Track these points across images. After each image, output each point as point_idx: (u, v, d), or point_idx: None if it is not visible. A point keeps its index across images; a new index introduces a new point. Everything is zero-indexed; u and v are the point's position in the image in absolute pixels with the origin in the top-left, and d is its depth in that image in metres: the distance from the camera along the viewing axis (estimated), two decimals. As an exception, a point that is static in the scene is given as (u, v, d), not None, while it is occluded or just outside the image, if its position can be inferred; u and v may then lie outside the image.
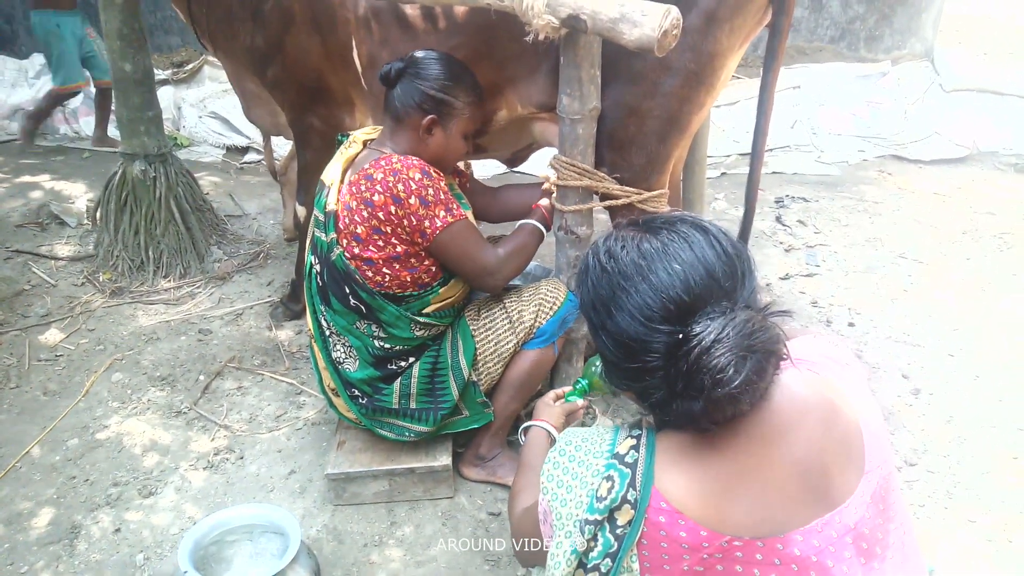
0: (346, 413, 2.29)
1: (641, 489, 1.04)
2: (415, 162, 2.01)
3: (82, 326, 3.23)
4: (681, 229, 1.07)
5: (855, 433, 1.07)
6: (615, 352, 1.07)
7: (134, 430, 2.63)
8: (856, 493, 1.04)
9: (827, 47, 6.61)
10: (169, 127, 5.34)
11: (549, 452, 1.18)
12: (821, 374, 1.12)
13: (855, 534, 1.03)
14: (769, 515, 1.02)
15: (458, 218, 2.04)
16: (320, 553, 2.13)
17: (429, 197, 1.99)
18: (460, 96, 2.08)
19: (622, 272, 1.05)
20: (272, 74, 2.80)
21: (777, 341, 1.01)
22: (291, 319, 3.24)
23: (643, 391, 1.07)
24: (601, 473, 1.08)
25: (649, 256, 1.04)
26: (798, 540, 1.01)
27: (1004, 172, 5.01)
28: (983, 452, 2.52)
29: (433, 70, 2.06)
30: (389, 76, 2.09)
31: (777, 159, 5.21)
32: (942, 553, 2.14)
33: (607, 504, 1.05)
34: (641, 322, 1.02)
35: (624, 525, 1.04)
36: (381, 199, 1.97)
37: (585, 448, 1.13)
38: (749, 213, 2.49)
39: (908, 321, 3.27)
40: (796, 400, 1.06)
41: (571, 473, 1.12)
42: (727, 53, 2.14)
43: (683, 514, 1.03)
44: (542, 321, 2.19)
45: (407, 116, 2.07)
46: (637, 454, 1.08)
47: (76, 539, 2.21)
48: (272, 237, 4.03)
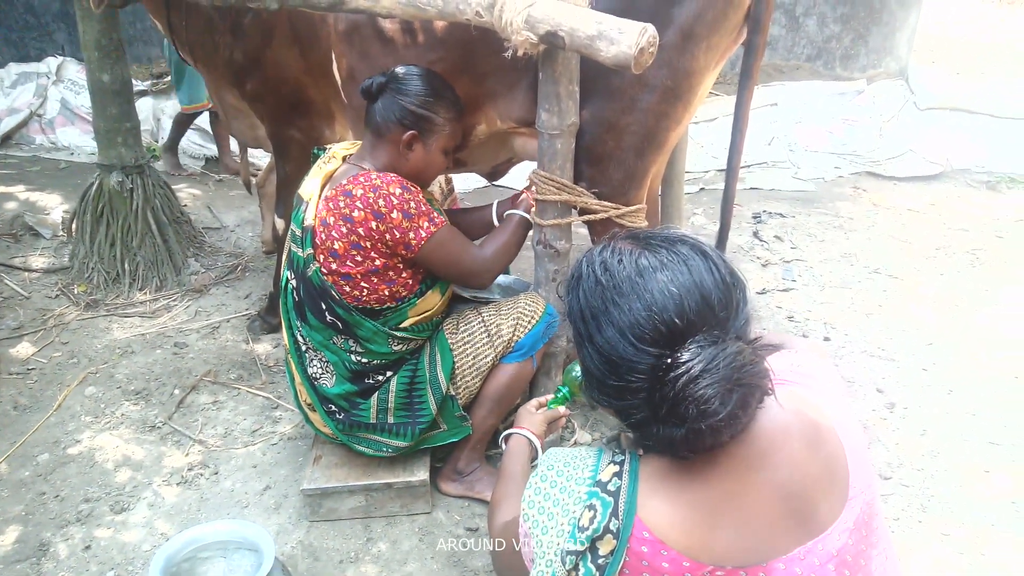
0: (322, 428, 2.27)
1: (623, 518, 1.02)
2: (394, 178, 2.02)
3: (55, 339, 3.18)
4: (681, 251, 1.04)
5: (839, 457, 1.05)
6: (599, 367, 1.04)
7: (107, 445, 2.59)
8: (840, 519, 1.03)
9: (804, 65, 6.71)
10: (147, 138, 5.30)
11: (531, 477, 1.15)
12: (806, 395, 1.11)
13: (838, 561, 1.02)
14: (752, 544, 1.01)
15: (440, 226, 2.05)
16: (295, 570, 2.10)
17: (411, 210, 2.00)
18: (441, 112, 2.09)
19: (616, 287, 1.02)
20: (252, 87, 2.80)
21: (764, 376, 0.99)
22: (268, 332, 3.22)
23: (623, 410, 1.04)
24: (583, 501, 1.05)
25: (646, 274, 1.01)
26: (780, 568, 1.00)
27: (976, 189, 5.10)
28: (957, 466, 2.54)
29: (414, 86, 2.07)
30: (371, 90, 2.09)
31: (755, 175, 5.27)
32: (916, 566, 2.15)
33: (589, 534, 1.03)
34: (630, 341, 0.99)
35: (606, 555, 1.02)
36: (361, 215, 1.97)
37: (567, 474, 1.10)
38: (724, 228, 2.51)
39: (883, 336, 3.31)
40: (778, 423, 1.04)
41: (553, 500, 1.09)
42: (704, 70, 2.17)
43: (665, 544, 1.01)
44: (520, 335, 2.19)
45: (388, 131, 2.08)
46: (620, 481, 1.05)
47: (44, 557, 2.16)
48: (250, 250, 4.00)
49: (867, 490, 1.06)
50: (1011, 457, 2.58)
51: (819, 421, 1.07)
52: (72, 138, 5.56)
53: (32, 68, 5.82)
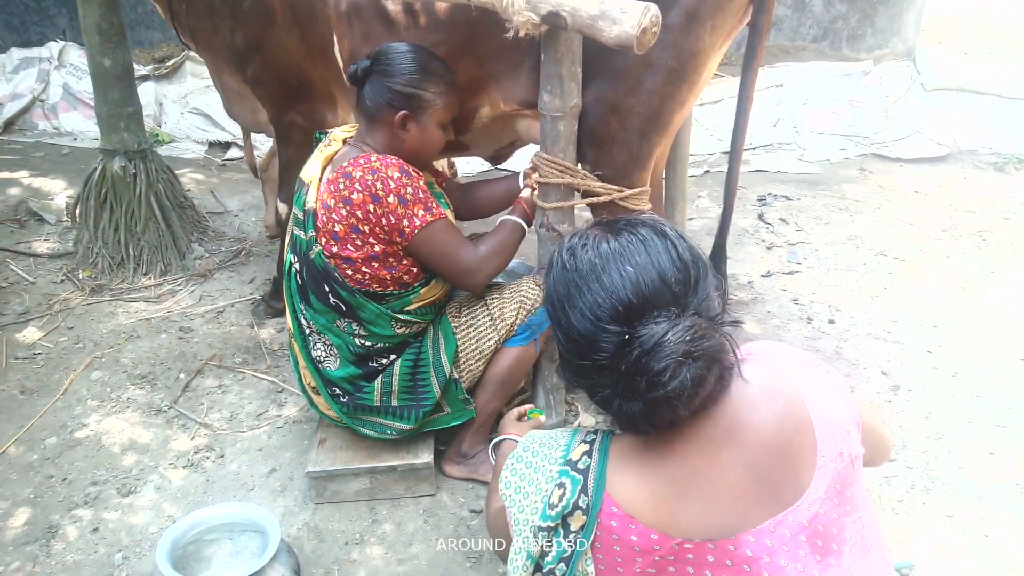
0: (327, 411, 2.28)
1: (593, 495, 1.06)
2: (394, 160, 2.00)
3: (61, 324, 3.19)
4: (641, 232, 1.08)
5: (807, 427, 1.07)
6: (567, 347, 1.10)
7: (113, 429, 2.61)
8: (809, 490, 1.04)
9: (810, 46, 6.64)
10: (150, 123, 5.28)
11: (508, 459, 1.19)
12: (777, 369, 1.13)
13: (810, 531, 1.04)
14: (720, 518, 1.03)
15: (437, 217, 2.03)
16: (300, 551, 2.12)
17: (408, 195, 1.98)
18: (430, 87, 2.05)
19: (579, 270, 1.08)
20: (253, 71, 2.78)
21: (722, 350, 1.03)
22: (273, 317, 3.22)
23: (591, 388, 1.10)
24: (554, 480, 1.10)
25: (605, 256, 1.07)
26: (750, 541, 1.02)
27: (983, 171, 5.05)
28: (960, 448, 2.54)
29: (400, 65, 2.03)
30: (357, 75, 2.07)
31: (760, 157, 5.23)
32: (919, 548, 2.16)
33: (559, 511, 1.07)
34: (592, 320, 1.04)
35: (577, 530, 1.06)
36: (360, 197, 1.96)
37: (541, 454, 1.16)
38: (728, 210, 2.50)
39: (888, 318, 3.30)
40: (745, 398, 1.07)
41: (527, 479, 1.14)
42: (709, 51, 2.15)
43: (634, 518, 1.05)
44: (523, 318, 2.19)
45: (380, 114, 2.06)
46: (590, 459, 1.10)
47: (53, 539, 2.19)
48: (254, 234, 4.00)
49: (838, 459, 1.07)
50: (1016, 439, 2.58)
51: (787, 392, 1.10)
52: (75, 123, 5.55)
53: (34, 53, 5.80)
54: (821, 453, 1.06)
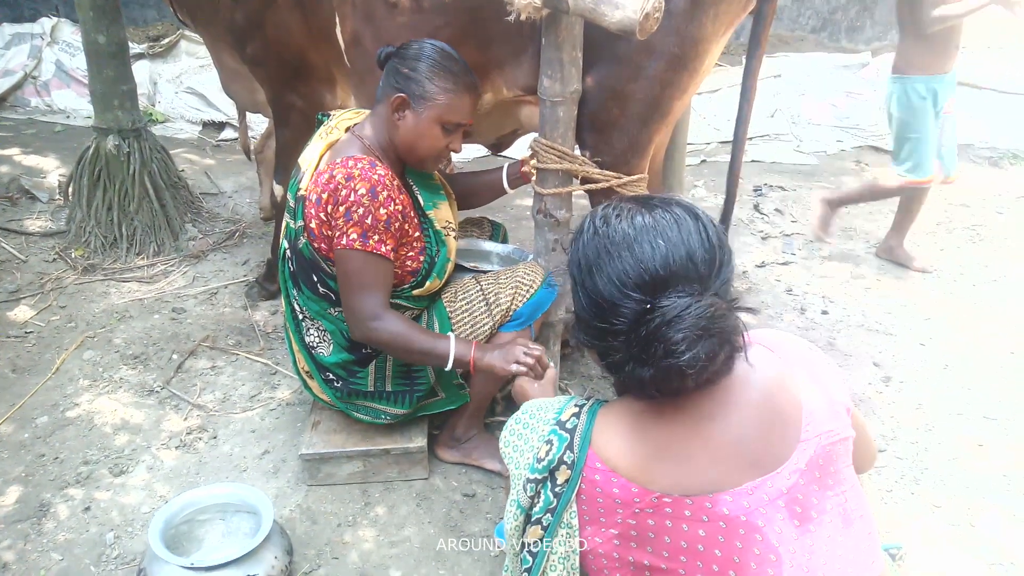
0: (321, 395, 2.28)
1: (578, 451, 1.15)
2: (373, 177, 1.93)
3: (53, 303, 3.17)
4: (675, 211, 1.13)
5: (795, 403, 1.13)
6: (588, 309, 1.15)
7: (105, 408, 2.60)
8: (790, 460, 1.10)
9: (809, 37, 6.64)
10: (144, 103, 5.24)
11: (508, 421, 1.29)
12: (779, 352, 1.19)
13: (788, 499, 1.09)
14: (698, 477, 1.09)
15: (368, 250, 1.92)
16: (293, 533, 2.12)
17: (355, 215, 1.91)
18: (436, 80, 1.98)
19: (611, 238, 1.13)
20: (252, 50, 2.76)
21: (735, 332, 1.09)
22: (266, 299, 3.21)
23: (604, 350, 1.15)
24: (544, 437, 1.19)
25: (639, 228, 1.11)
26: (727, 500, 1.08)
27: (979, 165, 5.07)
28: (950, 439, 2.56)
29: (414, 51, 2.01)
30: (380, 59, 2.07)
31: (757, 148, 5.23)
32: (907, 537, 2.18)
33: (545, 464, 1.16)
34: (617, 286, 1.09)
35: (562, 483, 1.15)
36: (327, 197, 1.94)
37: (537, 416, 1.24)
38: (730, 199, 2.50)
39: (880, 310, 3.32)
40: (744, 379, 1.13)
41: (522, 438, 1.23)
42: (711, 38, 2.14)
43: (616, 472, 1.12)
44: (519, 304, 2.19)
45: (384, 96, 2.04)
46: (577, 420, 1.19)
47: (44, 517, 2.18)
48: (248, 216, 3.98)
49: (824, 435, 1.12)
50: (1005, 431, 2.60)
51: (782, 370, 1.16)
52: (68, 101, 5.50)
53: (26, 29, 5.73)
54: (806, 429, 1.12)
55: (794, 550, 1.08)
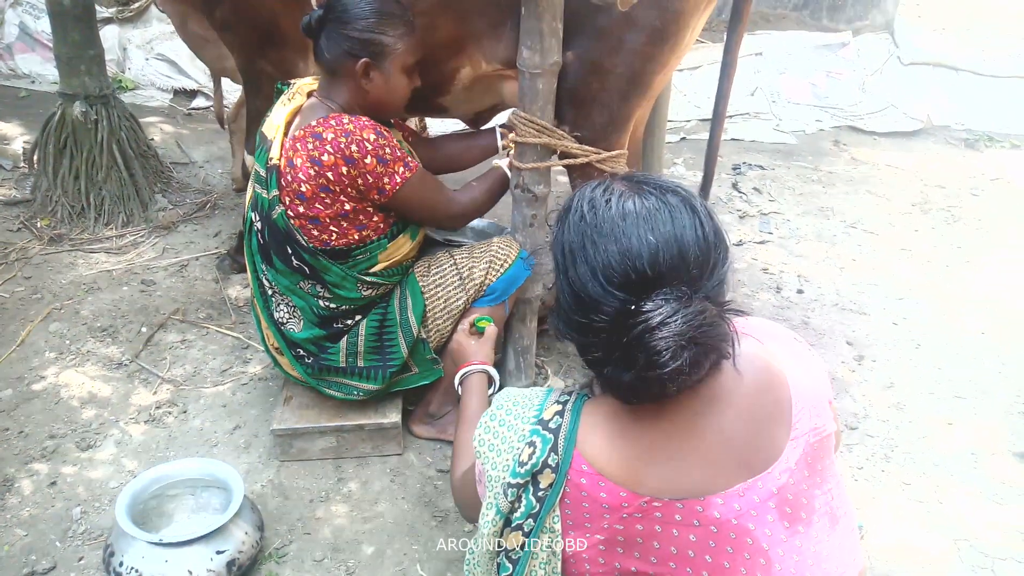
0: (291, 372, 2.24)
1: (563, 453, 1.06)
2: (367, 122, 1.94)
3: (18, 273, 3.09)
4: (670, 200, 1.04)
5: (785, 400, 1.08)
6: (569, 300, 1.06)
7: (72, 382, 2.54)
8: (781, 459, 1.05)
9: (790, 14, 6.60)
10: (113, 69, 5.08)
11: (482, 417, 1.19)
12: (765, 343, 1.13)
13: (779, 499, 1.05)
14: (689, 480, 1.03)
15: (414, 170, 2.00)
16: (264, 508, 2.10)
17: (387, 155, 1.94)
18: (389, 31, 1.95)
19: (598, 226, 1.03)
20: (221, 15, 2.67)
21: (723, 339, 1.01)
22: (238, 272, 3.15)
23: (583, 346, 1.07)
24: (525, 438, 1.10)
25: (629, 218, 1.02)
26: (718, 503, 1.03)
27: (955, 147, 5.10)
28: (921, 418, 2.59)
29: (354, 10, 1.94)
30: (311, 26, 1.98)
31: (736, 126, 5.21)
32: (876, 514, 2.21)
33: (528, 468, 1.07)
34: (600, 281, 1.01)
35: (546, 487, 1.07)
36: (331, 159, 1.90)
37: (515, 412, 1.15)
38: (708, 176, 2.49)
39: (855, 290, 3.34)
40: (732, 376, 1.06)
41: (500, 437, 1.14)
42: (693, 12, 2.11)
43: (603, 476, 1.05)
44: (493, 278, 2.16)
45: (340, 65, 1.97)
46: (561, 419, 1.10)
47: (8, 493, 2.14)
48: (220, 187, 3.90)
49: (812, 432, 1.08)
50: (974, 410, 2.64)
51: (770, 366, 1.10)
52: (32, 65, 5.32)
53: (-11, -11, 5.53)
54: (795, 427, 1.07)
55: (783, 552, 1.05)
